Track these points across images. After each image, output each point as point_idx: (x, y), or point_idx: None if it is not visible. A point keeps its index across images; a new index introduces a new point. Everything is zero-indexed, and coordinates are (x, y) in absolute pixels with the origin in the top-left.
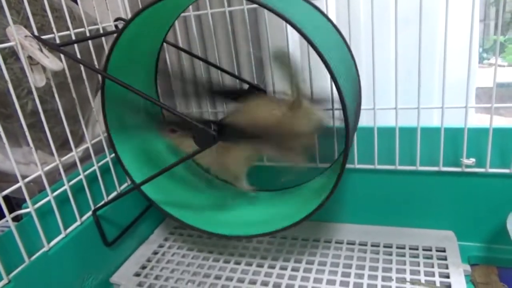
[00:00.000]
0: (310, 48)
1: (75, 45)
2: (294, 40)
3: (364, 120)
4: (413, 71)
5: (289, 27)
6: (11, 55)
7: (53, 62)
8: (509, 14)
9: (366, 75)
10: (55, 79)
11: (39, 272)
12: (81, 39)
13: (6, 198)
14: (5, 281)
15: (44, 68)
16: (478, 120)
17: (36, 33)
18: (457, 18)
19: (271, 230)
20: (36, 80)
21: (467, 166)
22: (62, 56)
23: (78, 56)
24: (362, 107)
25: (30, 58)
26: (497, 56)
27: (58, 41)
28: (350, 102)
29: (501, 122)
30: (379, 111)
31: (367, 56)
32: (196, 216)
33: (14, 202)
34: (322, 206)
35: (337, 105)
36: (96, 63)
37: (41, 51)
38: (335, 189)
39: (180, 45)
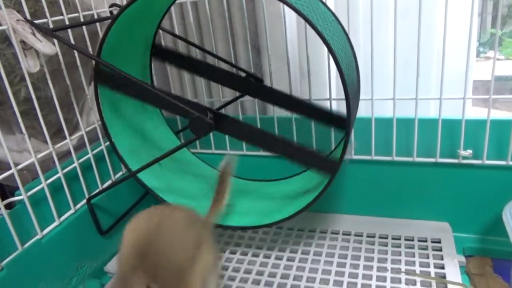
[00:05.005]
0: (308, 38)
1: (69, 31)
2: (291, 29)
3: (362, 111)
4: (410, 63)
5: (287, 15)
6: (3, 40)
7: (46, 46)
8: (506, 8)
9: (364, 65)
10: (48, 66)
11: (33, 260)
12: (75, 24)
13: None
14: None
15: (37, 54)
16: (475, 113)
17: (29, 18)
18: (455, 11)
19: (268, 222)
20: (29, 65)
21: (464, 157)
22: (56, 42)
23: (72, 42)
24: (360, 97)
25: (23, 43)
26: (496, 47)
27: (51, 26)
28: (350, 90)
29: (497, 115)
30: (376, 101)
31: (365, 46)
32: (192, 204)
33: (7, 191)
34: (320, 197)
35: (334, 95)
36: (90, 50)
37: (34, 35)
38: (332, 179)
39: (176, 32)
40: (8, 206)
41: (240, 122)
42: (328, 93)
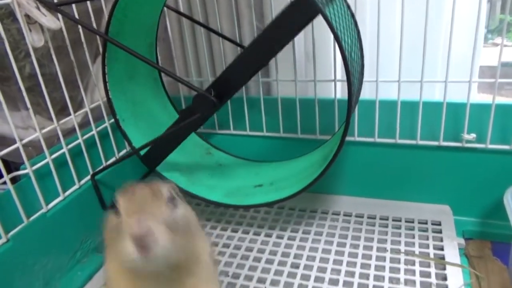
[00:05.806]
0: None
1: (74, 7)
2: None
3: (367, 93)
4: (417, 46)
5: None
6: (8, 15)
7: (50, 21)
8: None
9: (370, 47)
10: (53, 43)
11: (38, 233)
12: None
13: (4, 163)
14: (3, 240)
15: (42, 28)
16: (480, 99)
17: None
18: None
19: (269, 200)
20: (34, 40)
21: (468, 141)
22: (60, 17)
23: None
24: (365, 79)
25: (27, 17)
26: (504, 31)
27: (56, 1)
28: (354, 71)
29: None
30: (381, 83)
31: (372, 27)
32: (195, 183)
33: (13, 167)
34: (322, 176)
35: (339, 76)
36: (95, 26)
37: (39, 9)
38: (335, 159)
39: (181, 10)
40: (13, 182)
41: (232, 66)
42: (333, 74)
